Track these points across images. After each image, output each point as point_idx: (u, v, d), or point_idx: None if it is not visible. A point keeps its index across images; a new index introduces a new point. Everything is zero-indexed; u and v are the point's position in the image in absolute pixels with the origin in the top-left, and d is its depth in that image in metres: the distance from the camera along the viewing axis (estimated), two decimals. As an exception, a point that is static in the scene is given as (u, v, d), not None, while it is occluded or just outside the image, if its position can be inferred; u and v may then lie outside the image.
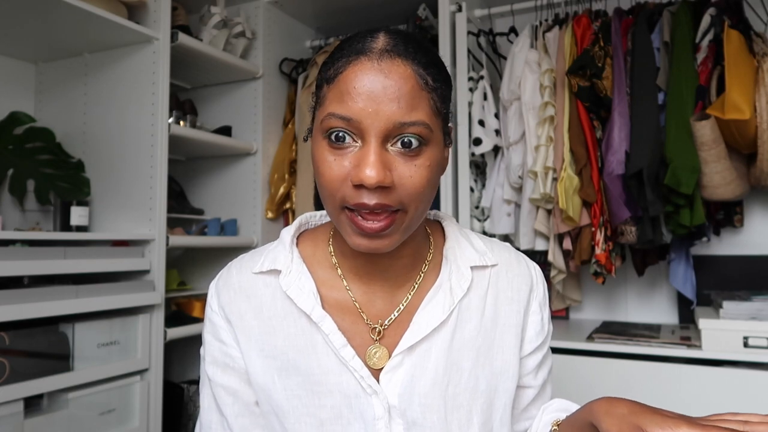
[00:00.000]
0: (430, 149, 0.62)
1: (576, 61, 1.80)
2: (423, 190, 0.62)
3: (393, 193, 0.61)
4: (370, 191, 0.60)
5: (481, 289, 0.74)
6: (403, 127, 0.60)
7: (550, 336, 0.80)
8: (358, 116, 0.60)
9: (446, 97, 0.66)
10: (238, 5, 2.24)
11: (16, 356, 1.38)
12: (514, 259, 0.78)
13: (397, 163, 0.61)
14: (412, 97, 0.60)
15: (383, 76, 0.60)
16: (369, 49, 0.62)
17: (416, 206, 0.63)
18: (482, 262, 0.74)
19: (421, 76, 0.61)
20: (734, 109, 1.57)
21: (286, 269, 0.72)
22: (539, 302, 0.78)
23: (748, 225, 1.94)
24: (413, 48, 0.63)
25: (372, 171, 0.58)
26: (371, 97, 0.59)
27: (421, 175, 0.61)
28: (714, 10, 1.72)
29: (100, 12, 1.61)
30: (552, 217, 1.83)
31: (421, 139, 0.61)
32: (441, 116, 0.64)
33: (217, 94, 2.31)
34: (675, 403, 1.58)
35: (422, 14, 2.18)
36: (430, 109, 0.62)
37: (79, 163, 1.85)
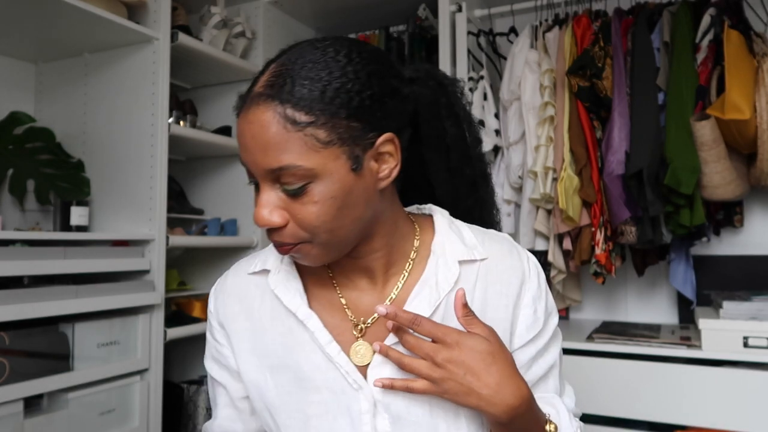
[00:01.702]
0: (320, 184, 0.61)
1: (576, 61, 1.80)
2: (318, 224, 0.63)
3: (286, 232, 0.64)
4: (268, 230, 0.64)
5: (469, 283, 0.73)
6: (275, 173, 0.61)
7: (549, 330, 0.77)
8: (247, 165, 0.64)
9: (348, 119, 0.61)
10: (238, 5, 2.24)
11: (16, 356, 1.38)
12: (507, 252, 0.76)
13: (286, 202, 0.63)
14: (276, 142, 0.60)
15: (250, 125, 0.62)
16: (250, 92, 0.64)
17: (321, 236, 0.64)
18: (470, 257, 0.73)
19: (286, 117, 0.60)
20: (734, 109, 1.57)
21: (275, 269, 0.75)
22: (533, 296, 0.75)
23: (748, 225, 1.94)
24: (290, 84, 0.61)
25: (259, 215, 0.63)
26: (247, 148, 0.63)
27: (311, 212, 0.62)
28: (714, 11, 1.72)
29: (100, 12, 1.61)
30: (552, 217, 1.83)
31: (298, 183, 0.61)
32: (336, 143, 0.61)
33: (217, 94, 2.31)
34: (675, 403, 1.58)
35: (422, 14, 2.19)
36: (306, 147, 0.60)
37: (79, 163, 1.85)
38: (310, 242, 0.65)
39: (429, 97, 0.75)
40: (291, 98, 0.60)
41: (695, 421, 1.56)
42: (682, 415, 1.57)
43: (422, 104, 0.74)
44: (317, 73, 0.62)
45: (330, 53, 0.64)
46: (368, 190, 0.66)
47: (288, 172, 0.61)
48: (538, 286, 0.76)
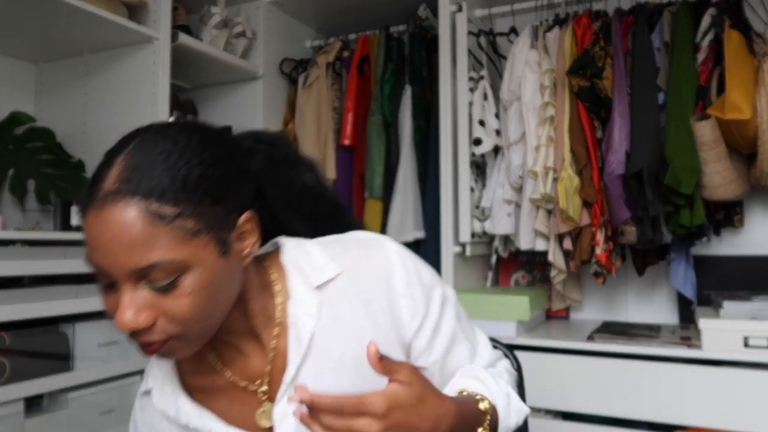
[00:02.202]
0: (192, 275, 0.60)
1: (576, 61, 1.80)
2: (190, 317, 0.61)
3: (156, 330, 0.60)
4: (132, 333, 0.60)
5: (336, 303, 0.72)
6: (143, 271, 0.58)
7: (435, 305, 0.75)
8: (102, 266, 0.59)
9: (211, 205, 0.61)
10: (238, 5, 2.24)
11: (16, 356, 1.38)
12: (362, 255, 0.74)
13: (154, 299, 0.60)
14: (143, 240, 0.57)
15: (108, 225, 0.57)
16: (96, 194, 0.58)
17: (191, 330, 0.62)
18: (322, 279, 0.72)
19: (152, 212, 0.57)
20: (734, 109, 1.56)
21: (156, 386, 0.74)
22: (404, 282, 0.73)
23: (748, 225, 1.94)
24: (144, 176, 0.58)
25: (123, 319, 0.59)
26: (105, 250, 0.58)
27: (184, 304, 0.60)
28: (714, 11, 1.72)
29: (101, 12, 1.61)
30: (552, 217, 1.83)
31: (168, 278, 0.59)
32: (204, 231, 0.60)
33: (218, 94, 2.31)
34: (675, 403, 1.58)
35: (422, 14, 2.19)
36: (177, 239, 0.58)
37: (80, 163, 1.85)
38: (180, 336, 0.62)
39: (266, 160, 0.74)
40: (154, 192, 0.57)
41: (695, 421, 1.56)
42: (682, 415, 1.57)
43: (263, 169, 0.73)
44: (175, 163, 0.59)
45: (181, 142, 0.61)
46: (235, 271, 0.65)
47: (158, 269, 0.58)
48: (406, 272, 0.74)
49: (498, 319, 1.82)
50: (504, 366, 0.84)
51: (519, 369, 1.08)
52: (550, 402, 1.72)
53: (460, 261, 1.98)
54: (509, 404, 0.75)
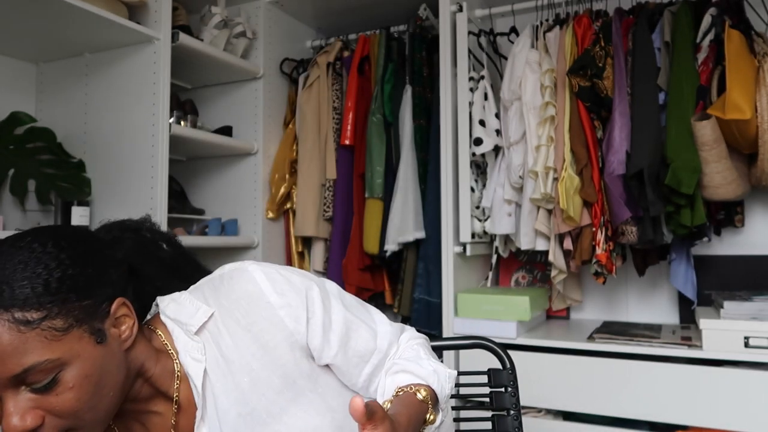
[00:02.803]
0: (70, 370, 0.63)
1: (577, 61, 1.80)
2: (78, 409, 0.63)
3: (45, 426, 0.62)
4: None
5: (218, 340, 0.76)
6: (19, 377, 0.60)
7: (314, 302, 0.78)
8: None
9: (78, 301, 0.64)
10: (238, 5, 2.24)
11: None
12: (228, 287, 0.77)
13: (37, 400, 0.62)
14: (14, 348, 0.59)
15: None
16: None
17: (85, 417, 0.64)
18: (199, 323, 0.76)
19: (17, 320, 0.60)
20: (735, 109, 1.56)
21: None
22: (275, 294, 0.76)
23: (748, 225, 1.94)
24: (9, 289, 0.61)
25: (9, 426, 0.60)
26: None
27: (69, 399, 0.62)
28: (715, 10, 1.72)
29: (101, 12, 1.61)
30: (553, 217, 1.83)
31: (48, 378, 0.61)
32: (75, 326, 0.63)
33: (218, 94, 2.31)
34: (675, 403, 1.58)
35: (423, 14, 2.19)
36: (47, 340, 0.61)
37: (80, 163, 1.85)
38: (74, 428, 0.64)
39: (134, 245, 0.80)
40: (16, 302, 0.60)
41: (695, 421, 1.56)
42: (683, 415, 1.57)
43: (133, 254, 0.79)
44: (33, 270, 0.62)
45: (37, 249, 0.64)
46: (117, 355, 0.69)
47: (34, 371, 0.60)
48: (272, 284, 0.77)
49: (498, 319, 1.82)
50: (409, 336, 0.87)
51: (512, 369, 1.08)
52: (550, 402, 1.72)
53: (461, 261, 1.98)
54: (439, 378, 0.79)
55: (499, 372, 1.08)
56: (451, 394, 0.82)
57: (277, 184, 2.24)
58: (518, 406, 1.07)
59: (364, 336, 0.81)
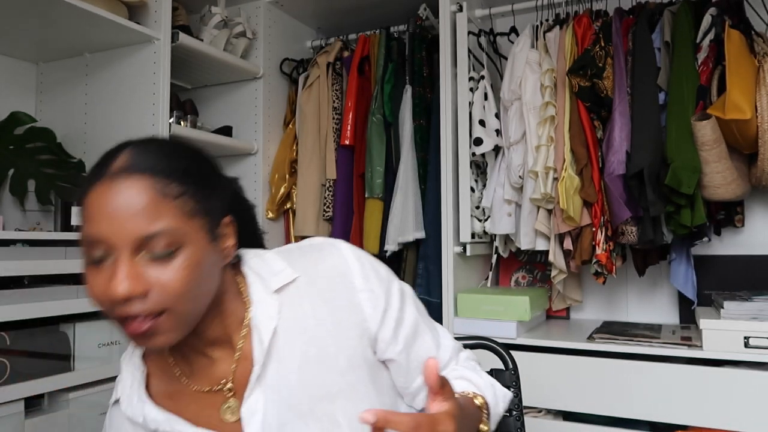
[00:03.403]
0: (187, 251, 0.65)
1: (577, 61, 1.80)
2: (182, 291, 0.64)
3: (149, 299, 0.63)
4: (123, 304, 0.62)
5: (296, 304, 0.76)
6: (148, 239, 0.63)
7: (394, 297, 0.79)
8: (104, 236, 0.63)
9: (204, 195, 0.68)
10: (238, 5, 2.24)
11: (17, 356, 1.38)
12: (317, 257, 0.79)
13: (151, 269, 0.63)
14: (152, 209, 0.63)
15: (119, 194, 0.63)
16: (106, 172, 0.65)
17: (181, 306, 0.65)
18: (281, 283, 0.76)
19: (160, 188, 0.64)
20: (735, 109, 1.56)
21: (123, 396, 0.78)
22: (361, 277, 0.77)
23: (748, 225, 1.93)
24: (153, 159, 0.66)
25: (119, 286, 0.61)
26: (112, 217, 0.62)
27: (178, 278, 0.64)
28: (715, 10, 1.72)
29: (101, 12, 1.61)
30: (553, 217, 1.83)
31: (169, 247, 0.64)
32: (199, 215, 0.67)
33: (218, 94, 2.31)
34: (675, 403, 1.58)
35: (423, 14, 2.19)
36: (179, 215, 0.65)
37: (80, 163, 1.85)
38: (169, 312, 0.65)
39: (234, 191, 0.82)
40: (163, 170, 0.65)
41: (695, 421, 1.56)
42: (683, 415, 1.57)
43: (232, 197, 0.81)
44: (177, 154, 0.69)
45: (179, 142, 0.72)
46: (216, 264, 0.70)
47: (160, 237, 0.63)
48: (361, 267, 0.78)
49: (498, 319, 1.82)
50: (467, 356, 0.90)
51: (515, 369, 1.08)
52: (550, 402, 1.72)
53: (461, 261, 1.98)
54: (495, 394, 0.81)
55: (502, 372, 1.08)
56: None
57: (277, 184, 2.24)
58: (521, 406, 1.07)
59: (429, 343, 0.82)
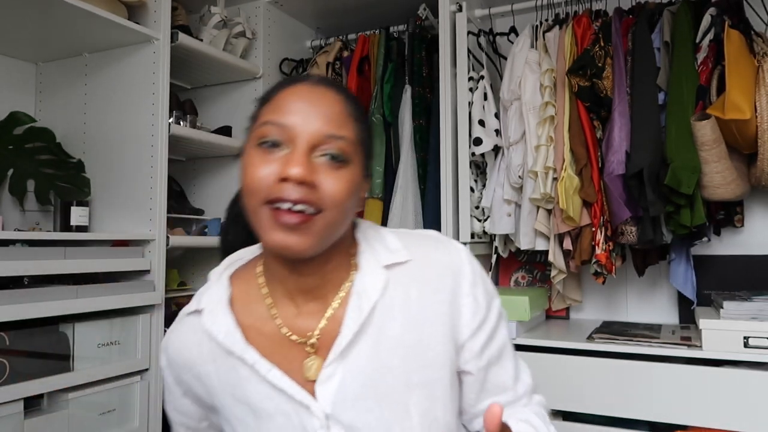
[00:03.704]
0: (351, 168, 0.69)
1: (576, 61, 1.80)
2: (342, 197, 0.67)
3: (314, 192, 0.66)
4: (293, 186, 0.65)
5: (402, 285, 0.75)
6: (330, 139, 0.67)
7: (494, 314, 0.79)
8: (291, 122, 0.67)
9: (369, 138, 0.75)
10: (238, 5, 2.24)
11: (16, 356, 1.38)
12: (433, 249, 0.78)
13: (321, 170, 0.67)
14: (341, 118, 0.69)
15: (318, 95, 0.69)
16: (306, 79, 0.72)
17: (335, 212, 0.67)
18: (395, 260, 0.76)
19: (348, 107, 0.71)
20: (735, 109, 1.56)
21: (207, 308, 0.77)
22: (469, 283, 0.77)
23: (748, 225, 1.93)
24: (345, 90, 0.74)
25: (297, 168, 0.65)
26: (304, 110, 0.68)
27: (342, 185, 0.67)
28: (714, 10, 1.72)
29: (101, 12, 1.61)
30: (552, 217, 1.83)
31: (345, 155, 0.68)
32: (362, 147, 0.72)
33: (218, 94, 2.31)
34: (675, 403, 1.58)
35: (422, 14, 2.19)
36: (355, 134, 0.70)
37: (80, 163, 1.85)
38: (321, 216, 0.67)
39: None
40: (351, 97, 0.73)
41: (695, 421, 1.56)
42: (682, 415, 1.57)
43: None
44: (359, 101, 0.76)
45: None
46: (357, 202, 0.73)
47: (340, 142, 0.68)
48: (472, 273, 0.77)
49: (498, 319, 1.81)
50: (540, 400, 0.86)
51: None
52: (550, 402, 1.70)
53: (460, 261, 1.97)
54: None
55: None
56: None
57: (277, 184, 2.23)
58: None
59: (509, 371, 0.81)
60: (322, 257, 0.72)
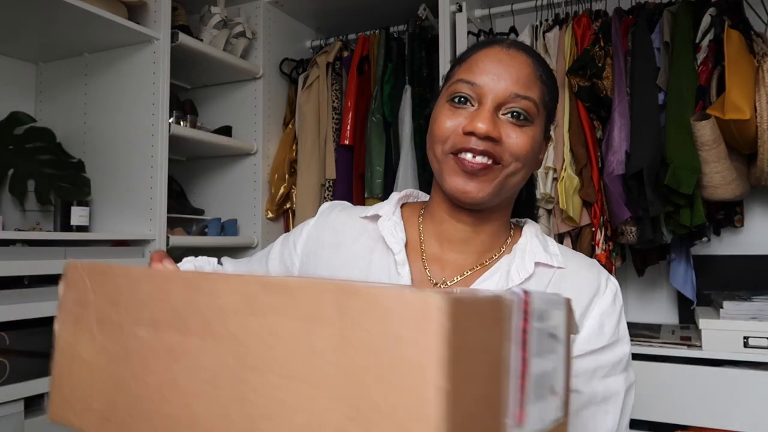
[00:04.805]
0: (534, 127, 0.73)
1: (576, 61, 1.81)
2: (524, 152, 0.72)
3: (498, 146, 0.70)
4: (478, 139, 0.70)
5: (542, 285, 0.75)
6: (516, 98, 0.71)
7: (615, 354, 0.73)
8: (482, 82, 0.72)
9: (553, 101, 0.77)
10: (238, 5, 2.24)
11: (17, 356, 1.38)
12: (586, 267, 0.77)
13: (505, 127, 0.71)
14: (528, 79, 0.72)
15: (509, 57, 0.73)
16: (500, 41, 0.75)
17: (515, 165, 0.72)
18: (548, 261, 0.76)
19: (537, 69, 0.74)
20: (734, 109, 1.56)
21: (386, 216, 0.82)
22: (602, 311, 0.73)
23: (748, 225, 1.94)
24: (535, 54, 0.77)
25: (484, 123, 0.69)
26: (495, 70, 0.72)
27: (524, 141, 0.71)
28: (714, 10, 1.72)
29: (101, 12, 1.61)
30: (552, 217, 1.83)
31: (528, 115, 0.72)
32: (546, 109, 0.75)
33: (218, 94, 2.31)
34: (675, 403, 1.58)
35: (422, 14, 2.19)
36: (540, 96, 0.73)
37: (80, 163, 1.85)
38: (501, 168, 0.71)
39: None
40: (541, 63, 0.76)
41: (695, 421, 1.56)
42: (682, 415, 1.57)
43: None
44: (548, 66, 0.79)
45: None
46: (537, 160, 0.77)
47: (525, 102, 0.71)
48: (612, 305, 0.75)
49: (498, 319, 1.81)
50: None
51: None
52: (550, 402, 1.71)
53: (460, 261, 1.98)
54: None
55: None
56: None
57: (277, 184, 2.24)
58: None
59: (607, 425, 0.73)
60: (484, 215, 0.77)
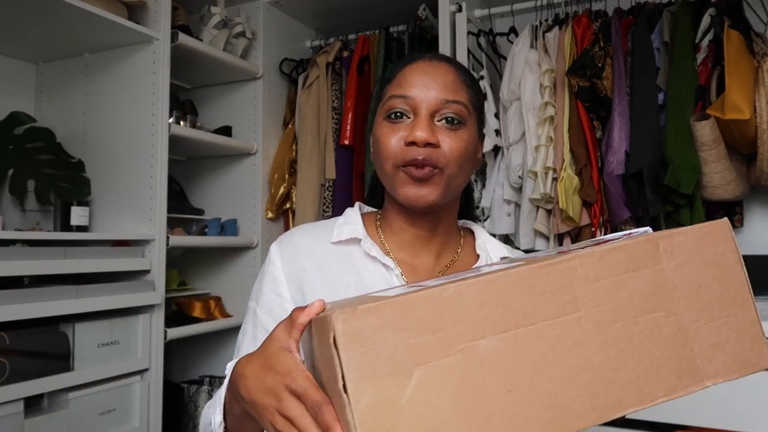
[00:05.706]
0: (467, 130, 0.80)
1: (576, 61, 1.81)
2: (460, 154, 0.78)
3: (437, 152, 0.77)
4: (419, 148, 0.76)
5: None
6: (447, 104, 0.78)
7: None
8: (413, 94, 0.79)
9: (479, 102, 0.84)
10: (238, 5, 2.24)
11: (17, 356, 1.38)
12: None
13: (441, 132, 0.78)
14: (455, 85, 0.80)
15: (433, 68, 0.81)
16: (422, 56, 0.83)
17: (454, 168, 0.78)
18: (510, 254, 0.86)
19: (461, 75, 0.82)
20: (734, 109, 1.57)
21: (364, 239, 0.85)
22: None
23: (748, 225, 1.94)
24: (456, 62, 0.85)
25: (422, 131, 0.76)
26: (424, 81, 0.79)
27: (459, 144, 0.78)
28: (714, 11, 1.72)
29: (101, 12, 1.61)
30: (552, 217, 1.83)
31: (461, 118, 0.79)
32: (475, 111, 0.82)
33: (217, 94, 2.31)
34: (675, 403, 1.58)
35: (422, 14, 2.19)
36: (468, 99, 0.81)
37: (80, 163, 1.85)
38: (442, 173, 0.78)
39: None
40: (463, 69, 0.84)
41: (695, 421, 1.56)
42: (682, 415, 1.57)
43: None
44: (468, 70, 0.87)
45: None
46: (474, 160, 0.83)
47: (455, 106, 0.79)
48: None
49: (498, 319, 1.81)
50: None
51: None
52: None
53: (460, 261, 1.98)
54: None
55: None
56: None
57: (277, 184, 2.24)
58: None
59: None
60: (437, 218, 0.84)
